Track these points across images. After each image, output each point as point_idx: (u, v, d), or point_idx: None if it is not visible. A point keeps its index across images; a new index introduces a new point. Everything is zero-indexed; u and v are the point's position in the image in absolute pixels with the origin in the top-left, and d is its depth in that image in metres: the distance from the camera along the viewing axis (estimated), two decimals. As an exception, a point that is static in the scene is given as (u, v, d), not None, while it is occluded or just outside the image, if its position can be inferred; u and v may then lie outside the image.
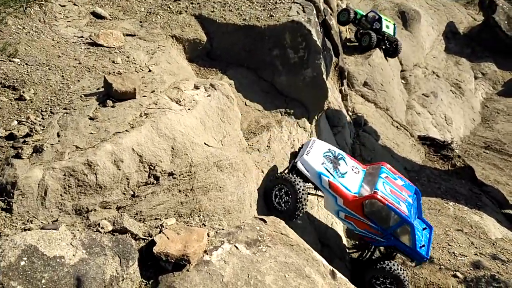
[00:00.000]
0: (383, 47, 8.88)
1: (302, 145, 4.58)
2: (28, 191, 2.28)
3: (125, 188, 2.62)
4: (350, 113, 6.86)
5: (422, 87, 10.13)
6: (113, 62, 4.04)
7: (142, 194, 2.70)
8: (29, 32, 3.96)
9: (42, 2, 4.43)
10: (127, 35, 4.69)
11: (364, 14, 9.32)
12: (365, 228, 4.21)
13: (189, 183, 2.92)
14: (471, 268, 4.64)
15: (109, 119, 2.83)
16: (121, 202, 2.61)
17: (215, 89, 3.66)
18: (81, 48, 4.12)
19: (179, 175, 2.86)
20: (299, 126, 4.93)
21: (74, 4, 5.04)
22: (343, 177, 4.27)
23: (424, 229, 4.40)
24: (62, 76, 3.46)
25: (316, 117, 5.18)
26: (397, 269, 4.13)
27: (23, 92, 3.04)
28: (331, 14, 6.88)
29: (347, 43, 9.32)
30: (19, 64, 3.35)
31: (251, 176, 3.63)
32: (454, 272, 4.69)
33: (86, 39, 4.36)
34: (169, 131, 2.88)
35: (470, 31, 13.74)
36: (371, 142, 6.33)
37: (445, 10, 14.53)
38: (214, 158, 3.14)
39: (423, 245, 4.14)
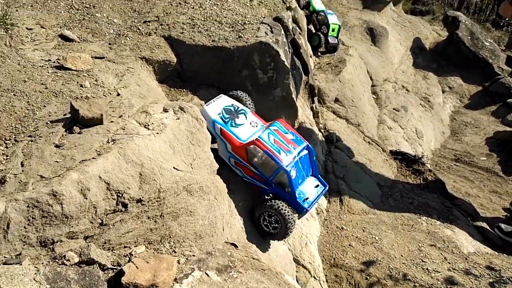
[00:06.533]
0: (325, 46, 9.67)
1: None
2: (-11, 225, 2.22)
3: (92, 217, 2.58)
4: (322, 130, 6.97)
5: (393, 101, 10.39)
6: (81, 86, 4.00)
7: (110, 222, 2.66)
8: (-7, 58, 3.90)
9: (8, 26, 4.37)
10: (96, 57, 4.66)
11: (317, 10, 9.87)
12: (250, 175, 4.38)
13: (158, 209, 2.90)
14: (445, 285, 4.71)
15: (75, 146, 2.80)
16: (88, 232, 2.56)
17: (184, 111, 3.67)
18: (48, 72, 4.07)
19: (148, 202, 2.84)
20: (271, 145, 4.97)
21: (42, 27, 4.99)
22: (236, 127, 4.46)
23: (316, 186, 4.51)
24: (28, 102, 3.40)
25: (288, 135, 5.24)
26: (284, 209, 4.16)
27: (-14, 121, 2.97)
28: (300, 33, 7.05)
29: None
30: (-18, 91, 3.29)
31: (222, 199, 3.63)
32: (428, 288, 4.75)
33: (54, 62, 4.31)
34: (136, 157, 2.86)
35: (436, 46, 14.25)
36: (343, 159, 6.43)
37: (411, 26, 15.06)
38: (183, 182, 3.13)
39: (307, 198, 4.27)
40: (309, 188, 4.44)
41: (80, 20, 5.42)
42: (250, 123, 4.58)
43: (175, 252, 2.83)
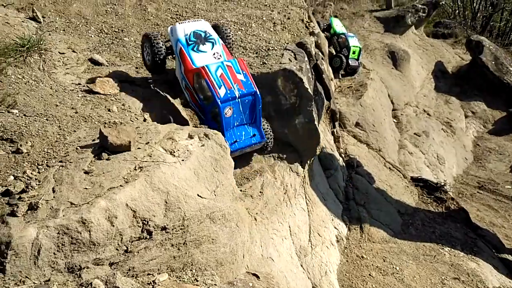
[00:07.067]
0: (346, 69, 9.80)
1: None
2: (22, 251, 2.28)
3: (118, 244, 2.63)
4: (343, 155, 6.95)
5: (414, 126, 10.31)
6: (109, 110, 4.13)
7: (135, 249, 2.70)
8: (28, 82, 4.06)
9: (42, 51, 4.56)
10: (123, 81, 4.81)
11: (338, 32, 10.10)
12: (194, 102, 4.42)
13: (181, 236, 2.93)
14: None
15: (103, 173, 2.87)
16: (114, 258, 2.61)
17: (209, 138, 3.73)
18: (78, 96, 4.21)
19: (172, 229, 2.88)
20: (291, 171, 4.99)
21: (73, 51, 5.19)
22: (197, 52, 4.43)
23: (253, 135, 4.40)
24: (59, 126, 3.52)
25: (309, 161, 5.25)
26: None
27: (20, 145, 3.09)
28: (322, 58, 7.11)
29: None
30: (17, 116, 3.42)
31: (243, 226, 3.64)
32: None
33: (83, 86, 4.47)
34: (162, 185, 2.91)
35: (459, 70, 14.13)
36: (364, 185, 6.38)
37: (433, 50, 15.02)
38: (207, 210, 3.16)
39: (236, 141, 4.21)
40: (244, 134, 4.36)
41: (109, 44, 5.62)
42: (213, 54, 4.51)
43: (197, 281, 2.85)
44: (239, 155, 4.44)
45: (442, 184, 7.15)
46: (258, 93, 4.38)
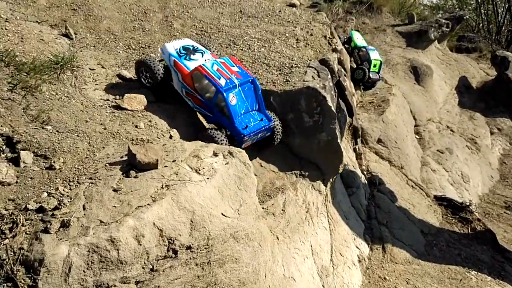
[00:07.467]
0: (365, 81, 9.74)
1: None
2: (54, 268, 2.36)
3: (144, 263, 2.67)
4: (365, 172, 6.88)
5: (437, 142, 10.12)
6: (136, 126, 4.23)
7: (160, 268, 2.74)
8: (61, 98, 4.21)
9: (74, 68, 4.72)
10: (149, 97, 4.91)
11: (358, 45, 10.01)
12: (198, 104, 4.63)
13: (206, 256, 2.96)
14: None
15: (132, 191, 2.94)
16: (140, 277, 2.65)
17: (233, 156, 3.77)
18: (106, 112, 4.33)
19: (197, 249, 2.91)
20: (313, 188, 4.97)
21: (102, 67, 5.35)
22: (189, 60, 4.73)
23: (261, 120, 4.61)
24: (89, 143, 3.63)
25: (331, 179, 5.22)
26: (218, 138, 4.32)
27: (54, 161, 3.19)
28: (345, 75, 7.11)
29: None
30: (51, 132, 3.54)
31: (266, 245, 3.65)
32: None
33: (112, 102, 4.59)
34: (189, 204, 2.96)
35: (483, 86, 13.84)
36: (387, 204, 6.29)
37: (457, 64, 14.77)
38: (231, 230, 3.19)
39: (247, 126, 4.42)
40: (252, 120, 4.56)
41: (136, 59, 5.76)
42: (205, 60, 4.78)
43: (220, 301, 2.86)
44: (251, 144, 4.65)
45: (468, 204, 6.97)
46: (256, 80, 4.66)
